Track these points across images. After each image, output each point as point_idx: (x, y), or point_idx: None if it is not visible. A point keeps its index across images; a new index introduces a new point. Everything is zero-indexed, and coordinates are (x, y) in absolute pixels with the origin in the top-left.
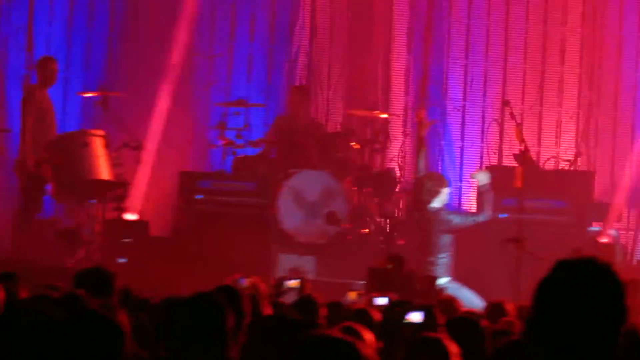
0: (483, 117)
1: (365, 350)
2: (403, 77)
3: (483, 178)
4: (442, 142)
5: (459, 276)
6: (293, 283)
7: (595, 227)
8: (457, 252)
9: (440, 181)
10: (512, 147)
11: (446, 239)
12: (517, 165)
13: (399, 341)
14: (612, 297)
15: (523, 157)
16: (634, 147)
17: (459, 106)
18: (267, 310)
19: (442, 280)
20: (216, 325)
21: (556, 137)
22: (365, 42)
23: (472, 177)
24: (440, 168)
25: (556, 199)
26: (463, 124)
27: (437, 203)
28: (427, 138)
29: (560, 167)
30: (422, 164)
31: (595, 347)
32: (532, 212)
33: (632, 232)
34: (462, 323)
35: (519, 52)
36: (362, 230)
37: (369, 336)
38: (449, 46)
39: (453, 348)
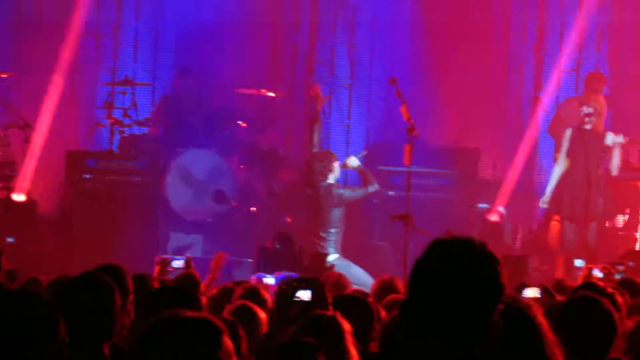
0: (369, 95)
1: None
2: (290, 55)
3: (353, 162)
4: (330, 120)
5: (348, 253)
6: (177, 262)
7: (483, 204)
8: (346, 229)
9: (330, 158)
10: (399, 125)
11: (337, 215)
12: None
13: (289, 319)
14: (485, 276)
15: (410, 134)
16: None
17: (346, 84)
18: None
19: (331, 258)
20: (104, 304)
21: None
22: (253, 21)
23: (343, 167)
24: (328, 145)
25: (444, 176)
26: (350, 102)
27: (330, 179)
28: (321, 112)
29: (447, 144)
30: (316, 138)
31: (469, 326)
32: (420, 189)
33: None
34: (350, 300)
35: (405, 30)
36: (250, 209)
37: (262, 315)
38: (335, 24)
39: (346, 326)
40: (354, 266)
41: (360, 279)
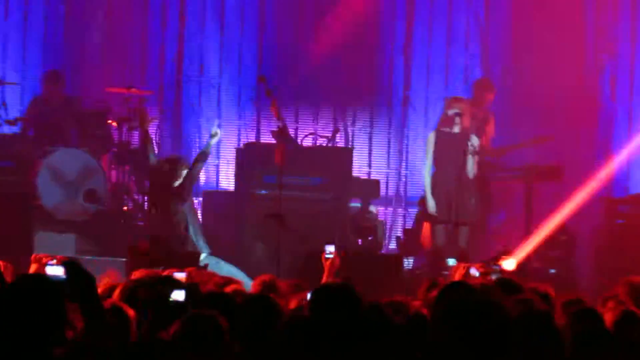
0: (239, 94)
1: None
2: (159, 54)
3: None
4: (200, 119)
5: (221, 252)
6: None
7: (356, 204)
8: (219, 229)
9: (180, 163)
10: (269, 124)
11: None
12: (275, 142)
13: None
14: None
15: (281, 134)
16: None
17: (216, 83)
18: None
19: (202, 256)
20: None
21: (315, 115)
22: (120, 18)
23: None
24: (198, 146)
25: (316, 175)
26: (219, 101)
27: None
28: (149, 132)
29: (318, 144)
30: (152, 157)
31: None
32: (293, 189)
33: (391, 209)
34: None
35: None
36: (122, 208)
37: (131, 312)
38: (203, 22)
39: (224, 324)
40: (225, 264)
41: (234, 276)
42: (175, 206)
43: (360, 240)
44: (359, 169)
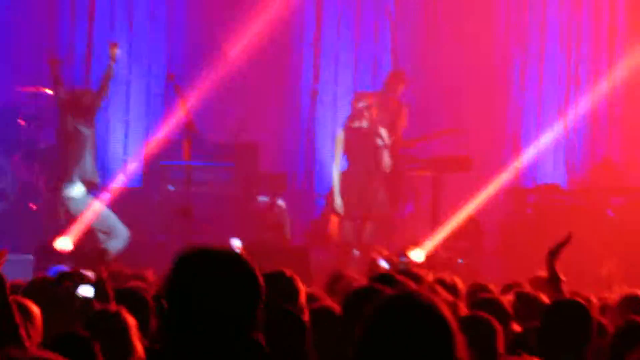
0: (148, 90)
1: None
2: (68, 52)
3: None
4: (108, 115)
5: (131, 249)
6: None
7: (264, 198)
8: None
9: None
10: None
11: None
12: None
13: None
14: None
15: (189, 129)
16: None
17: (126, 81)
18: None
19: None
20: None
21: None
22: (30, 18)
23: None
24: (107, 143)
25: (223, 170)
26: (128, 97)
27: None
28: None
29: (225, 139)
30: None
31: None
32: (200, 184)
33: (299, 203)
34: (130, 294)
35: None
36: (30, 206)
37: (35, 309)
38: (112, 21)
39: (131, 321)
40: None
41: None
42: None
43: (267, 234)
44: (267, 163)
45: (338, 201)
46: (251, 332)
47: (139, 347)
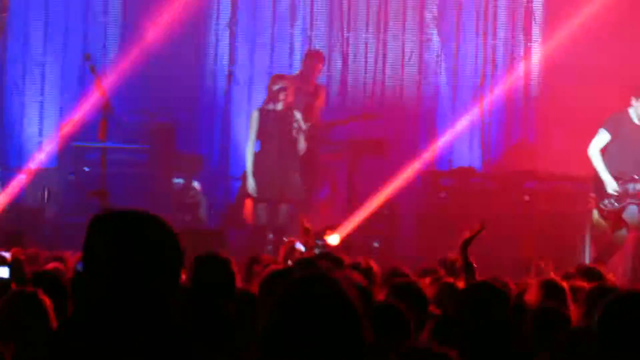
0: (63, 70)
1: None
2: None
3: None
4: (23, 97)
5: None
6: None
7: (179, 180)
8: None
9: None
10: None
11: None
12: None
13: None
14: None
15: (105, 110)
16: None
17: (41, 62)
18: None
19: None
20: None
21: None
22: None
23: None
24: (22, 124)
25: (139, 151)
26: (43, 78)
27: None
28: None
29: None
30: None
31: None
32: (116, 165)
33: (214, 184)
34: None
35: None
36: None
37: None
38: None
39: (47, 301)
40: None
41: None
42: None
43: (183, 216)
44: (182, 144)
45: (251, 183)
46: (171, 305)
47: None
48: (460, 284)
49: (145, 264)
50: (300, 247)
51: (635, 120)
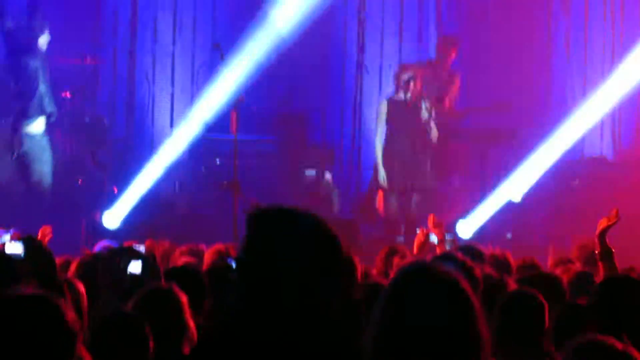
0: (193, 61)
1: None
2: (112, 24)
3: None
4: (154, 88)
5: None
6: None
7: (311, 171)
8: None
9: None
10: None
11: None
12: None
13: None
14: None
15: (235, 101)
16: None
17: (170, 52)
18: None
19: None
20: None
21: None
22: None
23: None
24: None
25: (270, 143)
26: (173, 69)
27: None
28: None
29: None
30: None
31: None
32: (247, 157)
33: (346, 175)
34: (180, 272)
35: None
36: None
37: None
38: None
39: (183, 298)
40: None
41: None
42: None
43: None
44: (313, 135)
45: (382, 173)
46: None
47: (191, 325)
48: (599, 273)
49: (332, 269)
50: (433, 238)
51: None
